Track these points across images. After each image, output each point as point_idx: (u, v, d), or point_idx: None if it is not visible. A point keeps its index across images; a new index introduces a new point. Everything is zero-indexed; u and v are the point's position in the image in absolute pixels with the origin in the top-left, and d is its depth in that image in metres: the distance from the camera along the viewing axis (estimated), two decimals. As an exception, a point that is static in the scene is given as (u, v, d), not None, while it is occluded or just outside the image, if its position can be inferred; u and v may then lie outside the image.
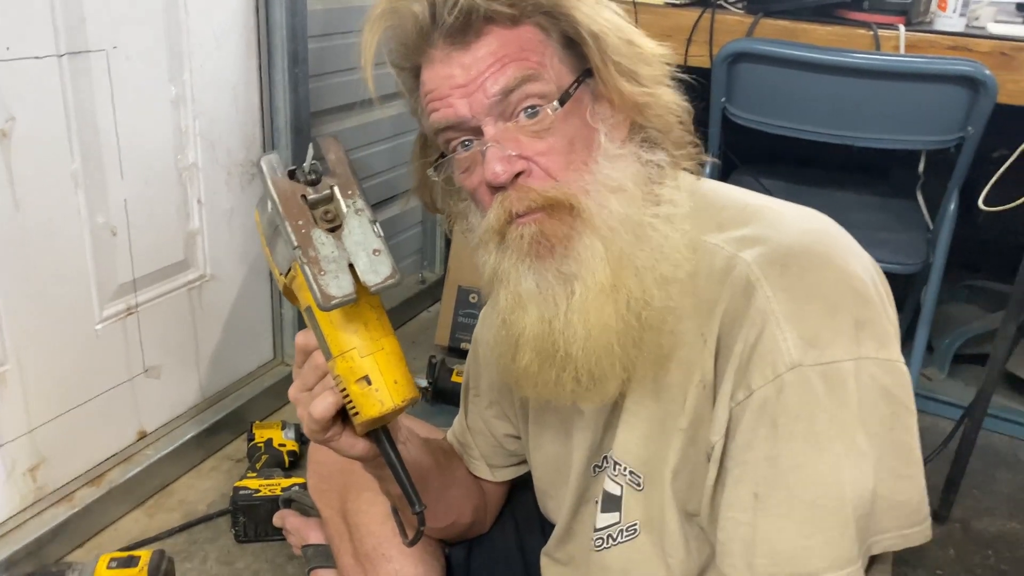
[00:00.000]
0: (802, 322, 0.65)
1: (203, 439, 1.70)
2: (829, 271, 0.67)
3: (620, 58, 0.72)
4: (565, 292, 0.71)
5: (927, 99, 1.54)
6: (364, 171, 2.13)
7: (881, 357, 0.66)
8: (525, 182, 0.71)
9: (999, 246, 2.16)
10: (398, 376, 0.68)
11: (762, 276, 0.68)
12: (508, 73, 0.71)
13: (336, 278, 0.63)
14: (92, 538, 1.49)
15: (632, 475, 0.80)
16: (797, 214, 0.74)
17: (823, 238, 0.70)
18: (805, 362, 0.65)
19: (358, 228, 0.65)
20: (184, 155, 1.58)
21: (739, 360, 0.68)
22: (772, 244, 0.69)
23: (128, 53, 1.42)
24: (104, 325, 1.49)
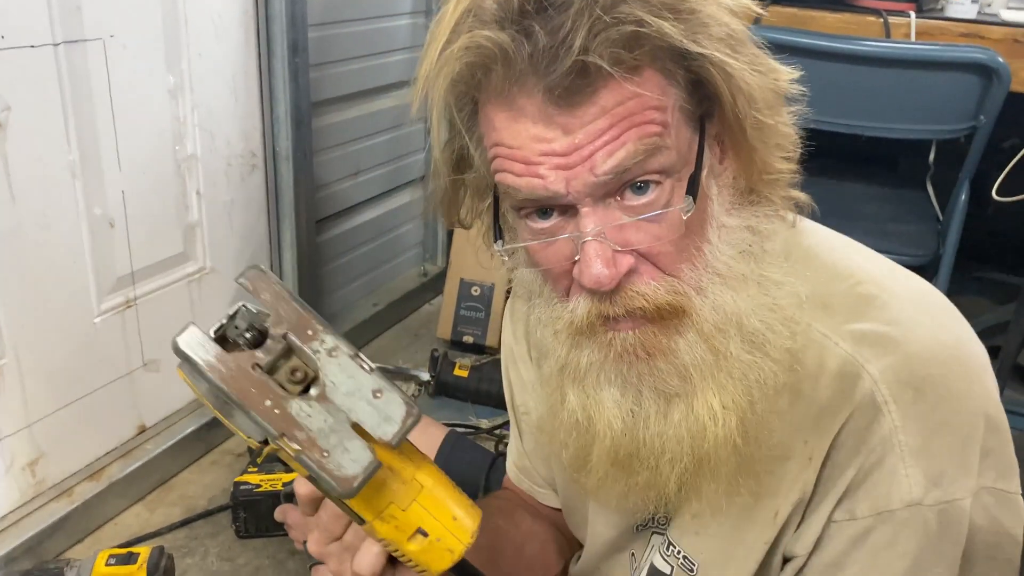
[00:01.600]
0: (930, 460, 0.60)
1: (203, 433, 1.68)
2: (966, 401, 0.61)
3: (758, 112, 0.58)
4: (662, 410, 0.61)
5: (938, 87, 1.51)
6: (366, 163, 2.11)
7: (999, 488, 0.63)
8: (629, 283, 0.58)
9: (1010, 238, 2.13)
10: (455, 510, 0.56)
11: (891, 399, 0.60)
12: (627, 147, 0.55)
13: (346, 452, 0.48)
14: (92, 533, 1.48)
15: (686, 559, 0.74)
16: (921, 306, 0.64)
17: (960, 354, 0.62)
18: (925, 501, 0.60)
19: (342, 374, 0.49)
20: (183, 146, 1.56)
21: (848, 483, 0.62)
22: (902, 355, 0.60)
23: (125, 42, 1.39)
24: (103, 318, 1.47)
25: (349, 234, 2.12)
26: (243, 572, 1.43)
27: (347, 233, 2.11)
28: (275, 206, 1.79)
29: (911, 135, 1.60)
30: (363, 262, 2.21)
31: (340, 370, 0.49)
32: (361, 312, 2.18)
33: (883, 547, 0.62)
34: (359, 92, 2.02)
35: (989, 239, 2.18)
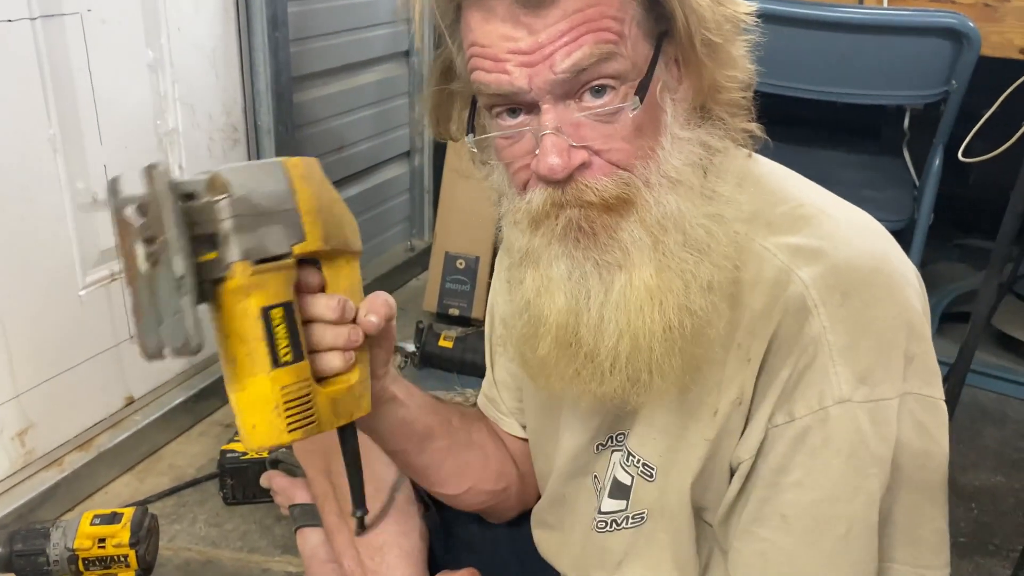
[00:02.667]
0: (856, 358, 0.64)
1: (191, 404, 1.71)
2: (889, 306, 0.65)
3: (708, 31, 0.63)
4: (602, 284, 0.65)
5: (911, 53, 1.53)
6: (350, 138, 2.13)
7: (924, 393, 0.66)
8: (582, 176, 0.63)
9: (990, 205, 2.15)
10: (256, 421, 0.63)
11: (820, 302, 0.64)
12: (583, 48, 0.60)
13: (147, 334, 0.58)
14: (82, 502, 1.51)
15: (645, 466, 0.78)
16: (856, 226, 0.70)
17: (884, 265, 0.66)
18: (855, 398, 0.64)
19: (164, 284, 0.57)
20: (164, 120, 1.57)
21: (784, 385, 0.66)
22: (831, 264, 0.65)
23: (103, 16, 1.41)
24: (88, 291, 1.50)
25: (334, 209, 2.14)
26: (231, 537, 1.46)
27: (332, 208, 2.13)
28: (258, 180, 1.80)
29: (884, 101, 1.62)
30: (349, 237, 2.23)
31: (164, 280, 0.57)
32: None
33: (820, 445, 0.65)
34: (342, 66, 2.04)
35: (970, 207, 2.20)
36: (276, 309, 0.62)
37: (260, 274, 0.61)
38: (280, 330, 0.63)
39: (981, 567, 1.47)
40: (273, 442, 0.64)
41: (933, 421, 0.66)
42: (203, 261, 0.59)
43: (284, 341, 0.63)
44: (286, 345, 0.63)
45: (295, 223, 0.64)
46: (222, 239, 0.59)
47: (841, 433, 0.64)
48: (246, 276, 0.60)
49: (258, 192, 0.61)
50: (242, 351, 0.62)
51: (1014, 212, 1.46)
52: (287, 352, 0.63)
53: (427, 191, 2.45)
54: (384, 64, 2.20)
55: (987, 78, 1.50)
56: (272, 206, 0.62)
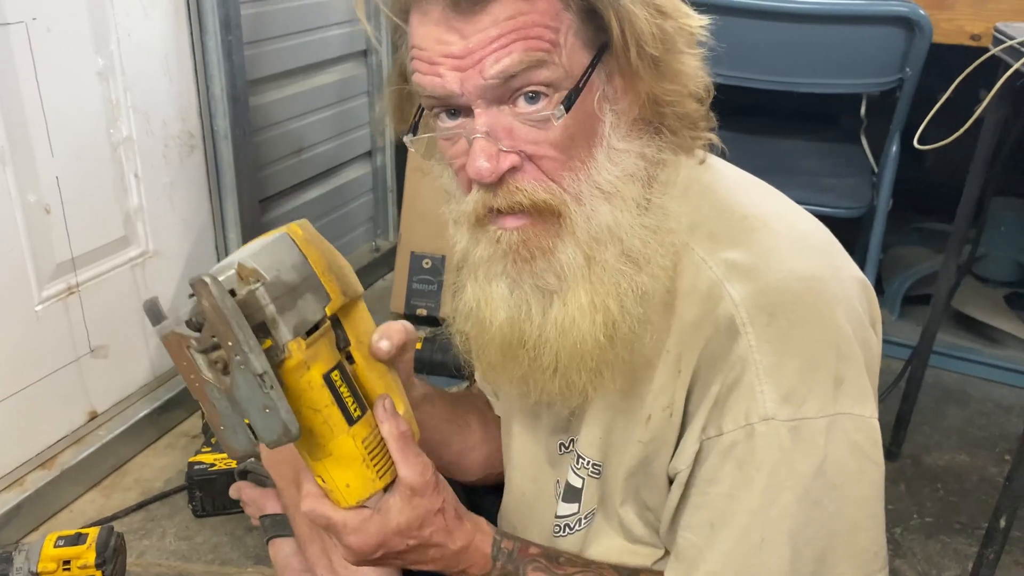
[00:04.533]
0: (781, 377, 0.65)
1: (156, 417, 1.68)
2: (815, 327, 0.66)
3: (644, 44, 0.64)
4: (541, 305, 0.68)
5: (865, 41, 1.54)
6: (309, 140, 2.10)
7: (855, 413, 0.67)
8: (513, 179, 0.65)
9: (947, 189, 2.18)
10: (350, 479, 0.68)
11: (748, 322, 0.66)
12: (513, 55, 0.61)
13: (235, 434, 0.61)
14: (46, 521, 1.48)
15: (594, 466, 0.80)
16: (797, 242, 0.70)
17: (815, 286, 0.67)
18: (778, 416, 0.65)
19: (244, 384, 0.59)
20: (117, 128, 1.54)
21: (714, 400, 0.68)
22: (762, 284, 0.66)
23: (49, 24, 1.37)
24: (44, 306, 1.46)
25: (296, 212, 2.12)
26: (201, 550, 1.44)
27: (294, 211, 2.11)
28: (217, 186, 1.78)
29: (840, 89, 1.64)
30: (313, 240, 2.20)
31: (244, 381, 0.59)
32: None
33: (746, 459, 0.66)
34: (298, 68, 2.01)
35: (929, 191, 2.24)
36: (334, 372, 0.65)
37: (312, 345, 0.64)
38: (343, 390, 0.66)
39: (947, 545, 1.49)
40: (369, 493, 0.69)
41: (866, 439, 0.67)
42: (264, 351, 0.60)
43: (350, 399, 0.67)
44: (353, 402, 0.67)
45: (319, 287, 0.65)
46: (271, 324, 0.61)
47: (764, 449, 0.66)
48: (302, 351, 0.63)
49: (282, 269, 0.63)
50: (318, 420, 0.65)
51: (970, 196, 1.49)
52: (355, 408, 0.67)
53: (390, 191, 2.44)
54: (342, 64, 2.18)
55: (940, 65, 1.52)
56: (297, 279, 0.64)
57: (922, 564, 1.45)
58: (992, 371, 1.99)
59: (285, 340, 0.62)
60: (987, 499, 1.60)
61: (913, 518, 1.56)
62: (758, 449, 0.66)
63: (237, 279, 0.62)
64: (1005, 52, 1.24)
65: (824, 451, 0.65)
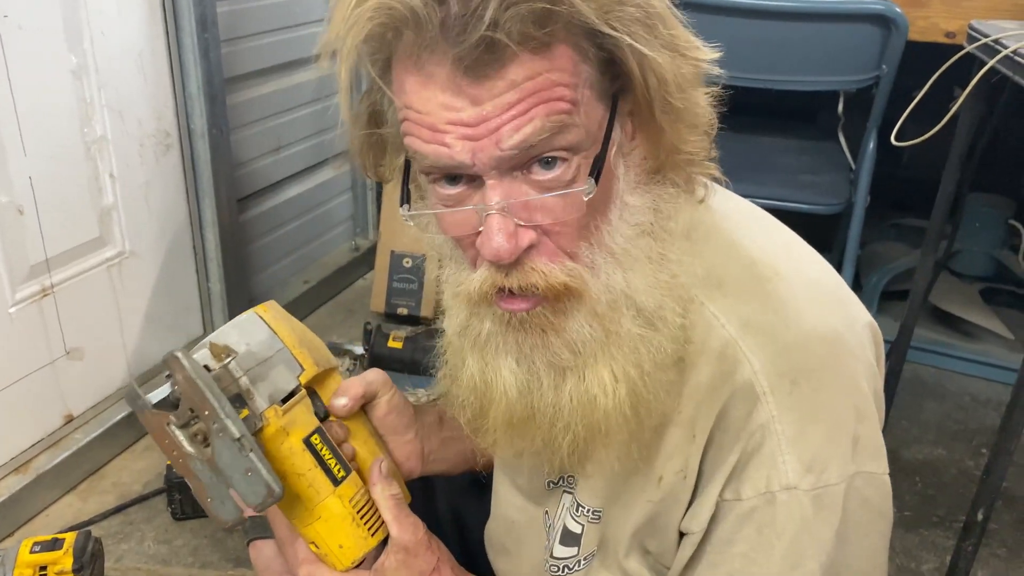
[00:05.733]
0: (804, 447, 0.63)
1: (134, 420, 1.64)
2: (837, 391, 0.64)
3: (670, 95, 0.58)
4: (553, 380, 0.63)
5: (841, 39, 1.56)
6: (287, 138, 2.09)
7: (868, 471, 0.65)
8: (528, 258, 0.59)
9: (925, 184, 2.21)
10: (343, 540, 0.70)
11: (769, 391, 0.62)
12: (534, 123, 0.55)
13: (222, 504, 0.64)
14: (23, 526, 1.46)
15: (594, 512, 0.77)
16: (810, 291, 0.67)
17: (836, 346, 0.65)
18: (801, 486, 0.63)
19: (224, 451, 0.62)
20: (91, 127, 1.52)
21: (732, 466, 0.65)
22: (781, 346, 0.63)
23: (20, 22, 1.35)
24: (18, 308, 1.44)
25: (275, 211, 2.10)
26: (181, 553, 1.43)
27: (273, 210, 2.09)
28: (194, 186, 1.76)
29: (818, 87, 1.65)
30: (291, 239, 2.19)
31: (224, 448, 0.62)
32: (292, 290, 2.16)
33: (766, 524, 0.64)
34: (276, 66, 1.99)
35: (906, 187, 2.26)
36: (314, 436, 0.69)
37: (288, 412, 0.67)
38: (325, 452, 0.69)
39: (926, 538, 1.51)
40: (363, 551, 0.70)
41: (877, 494, 0.66)
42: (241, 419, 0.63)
43: (332, 460, 0.69)
44: (336, 463, 0.70)
45: (291, 359, 0.69)
46: (246, 395, 0.65)
47: (785, 517, 0.64)
48: (279, 418, 0.66)
49: (252, 344, 0.67)
50: (303, 484, 0.68)
51: (946, 192, 1.50)
52: (339, 469, 0.69)
53: (370, 189, 2.42)
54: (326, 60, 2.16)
55: (915, 62, 1.54)
56: (268, 352, 0.68)
57: (901, 557, 1.47)
58: (968, 365, 2.02)
59: (261, 409, 0.65)
60: (964, 492, 1.62)
61: (892, 512, 1.57)
62: (779, 517, 0.64)
63: (210, 356, 0.65)
64: (980, 49, 1.25)
65: (841, 513, 0.64)
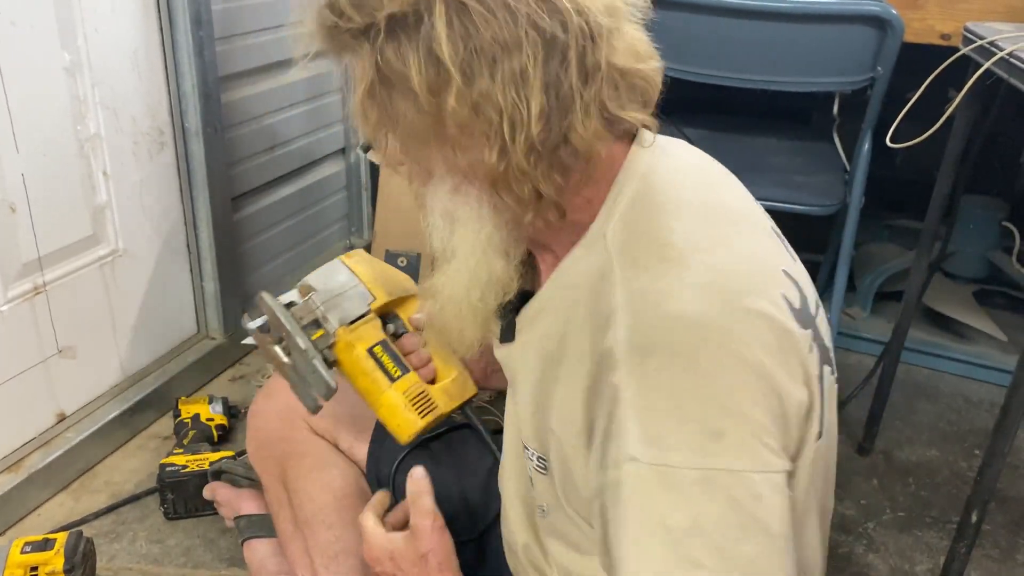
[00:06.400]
0: (647, 419, 0.63)
1: (127, 418, 1.65)
2: (688, 375, 0.64)
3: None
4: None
5: (837, 41, 1.55)
6: (282, 136, 2.08)
7: (735, 469, 0.63)
8: None
9: (919, 186, 2.21)
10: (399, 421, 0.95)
11: (623, 359, 0.65)
12: None
13: (305, 396, 0.92)
14: (14, 525, 1.45)
15: (539, 460, 0.79)
16: (700, 284, 0.67)
17: (698, 333, 0.64)
18: (642, 458, 0.63)
19: (298, 359, 0.90)
20: (84, 125, 1.51)
21: (602, 434, 0.66)
22: (646, 321, 0.65)
23: (13, 18, 1.34)
24: (10, 306, 1.43)
25: (269, 210, 2.09)
26: (174, 553, 1.42)
27: (267, 209, 2.08)
28: (188, 184, 1.75)
29: (813, 88, 1.65)
30: (286, 238, 2.18)
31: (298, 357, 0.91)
32: (286, 289, 2.14)
33: (620, 500, 0.64)
34: (270, 64, 1.98)
35: (899, 188, 2.26)
36: (376, 347, 0.95)
37: (355, 330, 0.94)
38: (385, 358, 0.95)
39: (920, 539, 1.51)
40: (416, 428, 0.94)
41: (747, 494, 0.63)
42: (316, 338, 0.91)
43: (391, 364, 0.95)
44: (393, 366, 0.95)
45: (364, 292, 0.97)
46: (322, 320, 0.93)
47: (630, 491, 0.64)
48: (348, 334, 0.93)
49: (332, 283, 0.96)
50: (367, 382, 0.94)
51: (940, 194, 1.50)
52: (396, 370, 0.95)
53: (364, 188, 2.42)
54: (314, 60, 2.15)
55: (909, 63, 1.54)
56: (344, 288, 0.96)
57: (895, 558, 1.47)
58: (961, 367, 2.02)
59: (333, 328, 0.92)
60: (957, 493, 1.62)
61: (886, 513, 1.57)
62: (625, 489, 0.64)
63: (297, 294, 0.95)
64: (975, 52, 1.25)
65: (697, 507, 0.62)
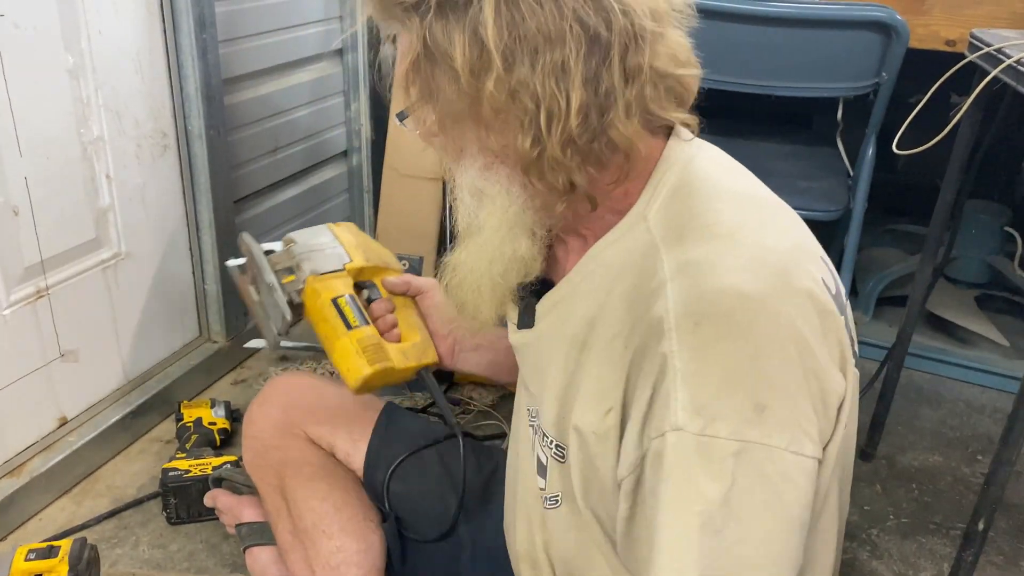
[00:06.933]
0: (697, 388, 0.64)
1: (129, 422, 1.65)
2: (740, 345, 0.64)
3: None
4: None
5: (842, 46, 1.56)
6: (284, 139, 2.07)
7: (771, 444, 0.63)
8: None
9: (919, 190, 2.21)
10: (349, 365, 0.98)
11: (674, 327, 0.65)
12: None
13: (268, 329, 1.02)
14: (15, 530, 1.44)
15: (558, 447, 0.79)
16: (752, 259, 0.68)
17: (751, 305, 0.65)
18: (688, 428, 0.63)
19: (265, 294, 1.00)
20: (88, 128, 1.50)
21: (646, 406, 0.67)
22: (698, 290, 0.66)
23: (16, 20, 1.34)
24: (12, 310, 1.43)
25: (271, 213, 2.09)
26: (176, 558, 1.41)
27: (269, 212, 2.08)
28: (191, 187, 1.75)
29: (818, 93, 1.65)
30: (288, 241, 2.18)
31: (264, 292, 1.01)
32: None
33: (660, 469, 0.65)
34: (273, 67, 1.98)
35: (900, 192, 2.26)
36: (340, 298, 1.00)
37: (324, 280, 1.01)
38: (347, 309, 0.99)
39: (923, 546, 1.51)
40: (362, 373, 0.97)
41: (776, 472, 0.64)
42: (287, 281, 1.00)
43: (351, 314, 0.99)
44: (353, 317, 0.99)
45: (341, 253, 1.05)
46: (295, 267, 1.01)
47: (671, 460, 0.64)
48: (315, 282, 1.00)
49: (313, 240, 1.05)
50: (327, 328, 0.99)
51: (946, 200, 1.50)
52: (354, 320, 0.99)
53: (366, 191, 2.41)
54: (318, 63, 2.15)
55: (911, 68, 1.54)
56: (324, 246, 1.05)
57: (899, 564, 1.47)
58: (963, 372, 2.02)
59: (304, 275, 1.00)
60: (961, 499, 1.62)
61: (889, 519, 1.57)
62: (666, 460, 0.64)
63: (282, 244, 1.05)
64: (982, 59, 1.25)
65: (732, 478, 0.62)
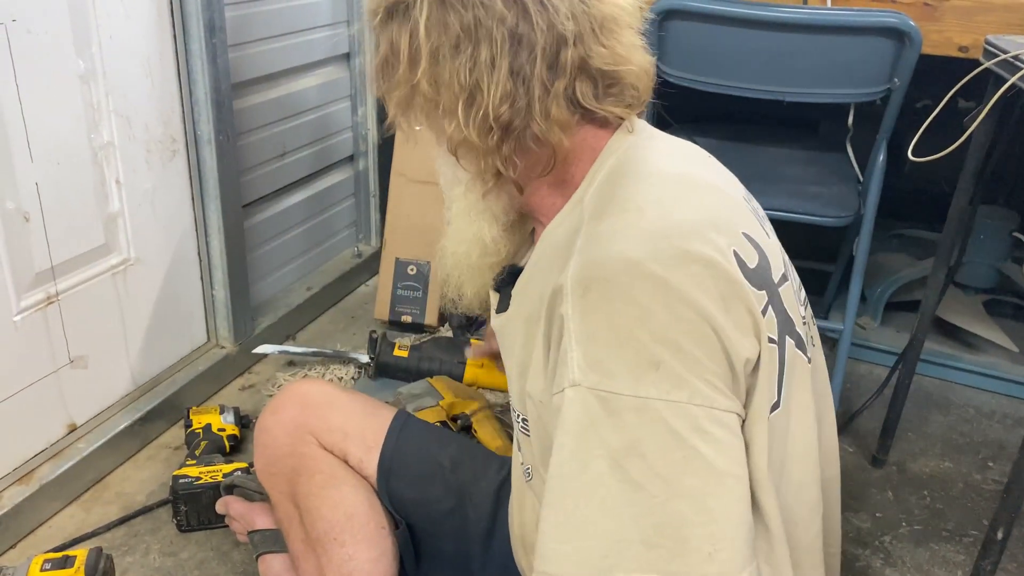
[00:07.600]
0: (590, 346, 0.68)
1: (138, 428, 1.64)
2: (625, 306, 0.68)
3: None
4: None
5: (854, 52, 1.55)
6: (292, 143, 2.07)
7: (671, 399, 0.66)
8: None
9: (927, 195, 2.21)
10: None
11: (570, 291, 0.71)
12: None
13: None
14: (25, 538, 1.43)
15: (523, 421, 0.82)
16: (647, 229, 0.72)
17: (632, 268, 0.69)
18: (584, 383, 0.67)
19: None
20: (98, 133, 1.50)
21: (552, 366, 0.73)
22: (590, 258, 0.71)
23: (29, 26, 1.33)
24: (23, 316, 1.42)
25: (279, 217, 2.08)
26: (187, 566, 1.40)
27: (276, 216, 2.07)
28: (199, 192, 1.74)
29: (829, 99, 1.64)
30: (295, 245, 2.17)
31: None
32: (295, 297, 2.14)
33: (562, 423, 0.69)
34: (282, 71, 1.98)
35: (907, 197, 2.26)
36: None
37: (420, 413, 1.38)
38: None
39: (936, 553, 1.51)
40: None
41: (686, 426, 0.66)
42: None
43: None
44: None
45: (436, 393, 1.62)
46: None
47: (572, 414, 0.68)
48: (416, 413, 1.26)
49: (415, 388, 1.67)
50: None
51: (958, 207, 1.50)
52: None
53: (373, 195, 2.41)
54: (325, 67, 2.14)
55: (921, 73, 1.54)
56: (423, 392, 1.64)
57: (913, 572, 1.46)
58: (973, 377, 2.02)
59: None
60: (972, 506, 1.62)
61: (902, 526, 1.57)
62: (567, 414, 0.68)
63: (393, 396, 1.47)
64: (998, 65, 1.25)
65: (637, 433, 0.65)
